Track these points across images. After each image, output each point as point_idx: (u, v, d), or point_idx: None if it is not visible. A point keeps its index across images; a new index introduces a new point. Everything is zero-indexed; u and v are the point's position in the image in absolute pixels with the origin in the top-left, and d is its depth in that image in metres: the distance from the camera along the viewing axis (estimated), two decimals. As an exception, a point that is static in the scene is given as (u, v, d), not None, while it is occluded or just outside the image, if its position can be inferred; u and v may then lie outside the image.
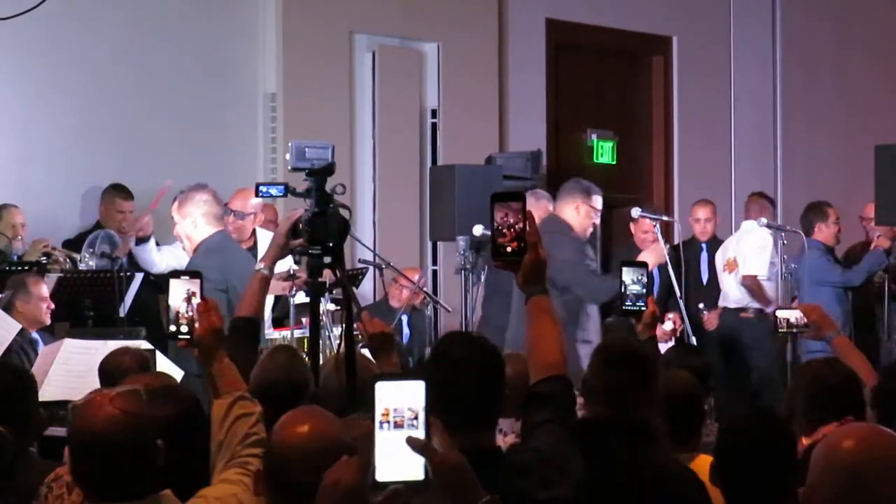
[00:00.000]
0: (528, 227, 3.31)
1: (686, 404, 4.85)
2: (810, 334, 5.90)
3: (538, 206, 8.69)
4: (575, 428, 3.33)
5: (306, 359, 5.33)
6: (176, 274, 3.98)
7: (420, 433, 2.59)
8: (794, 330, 6.14)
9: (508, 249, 3.31)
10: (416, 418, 2.60)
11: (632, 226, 9.66)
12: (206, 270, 6.67)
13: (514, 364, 4.02)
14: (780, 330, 6.24)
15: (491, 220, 3.33)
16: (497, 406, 3.40)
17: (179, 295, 3.90)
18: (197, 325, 3.85)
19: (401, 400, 2.60)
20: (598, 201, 7.92)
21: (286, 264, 7.05)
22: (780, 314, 6.15)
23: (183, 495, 3.41)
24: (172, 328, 3.90)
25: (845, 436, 2.66)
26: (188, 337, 3.87)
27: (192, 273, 3.98)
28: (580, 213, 7.86)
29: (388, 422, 2.60)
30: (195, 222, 6.73)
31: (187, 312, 3.87)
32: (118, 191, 8.86)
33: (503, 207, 3.31)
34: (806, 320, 5.72)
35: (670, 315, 8.99)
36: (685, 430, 4.87)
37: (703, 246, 10.08)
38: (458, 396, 3.17)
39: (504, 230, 3.31)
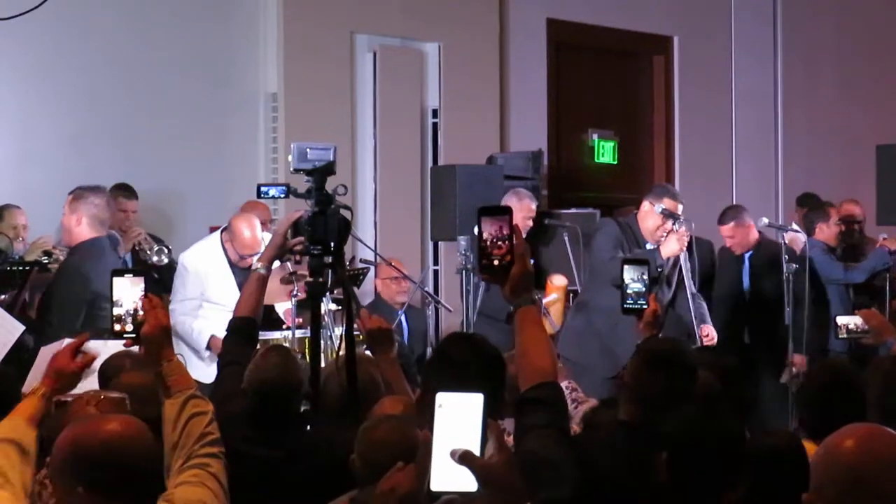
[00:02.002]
0: (515, 239, 3.32)
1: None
2: (870, 339, 5.92)
3: (521, 205, 8.71)
4: (568, 431, 3.33)
5: (300, 358, 5.34)
6: (120, 272, 3.87)
7: (476, 444, 2.59)
8: (854, 335, 6.15)
9: (496, 262, 3.32)
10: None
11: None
12: (79, 273, 6.98)
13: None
14: (839, 336, 6.24)
15: (479, 234, 3.33)
16: (496, 408, 3.39)
17: (126, 293, 3.78)
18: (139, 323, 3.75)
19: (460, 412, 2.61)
20: (669, 203, 7.81)
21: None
22: (840, 320, 6.16)
23: None
24: (117, 327, 3.77)
25: (846, 436, 2.64)
26: (134, 336, 3.75)
27: (136, 271, 3.89)
28: (644, 210, 7.91)
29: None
30: (79, 220, 7.12)
31: (138, 311, 3.75)
32: (121, 190, 8.88)
33: (494, 220, 3.31)
34: (866, 326, 5.74)
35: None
36: None
37: (745, 257, 9.43)
38: None
39: (498, 242, 3.32)
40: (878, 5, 13.48)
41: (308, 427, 4.86)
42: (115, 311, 3.77)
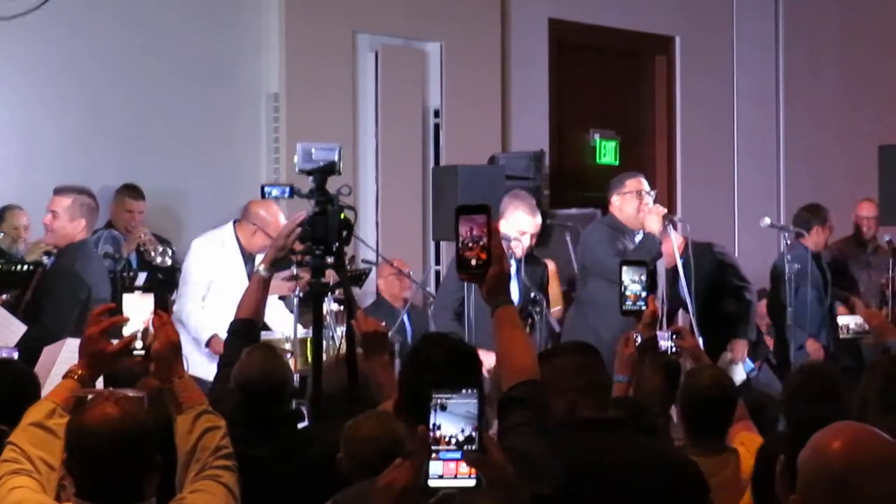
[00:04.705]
0: (492, 240, 3.33)
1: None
2: (871, 340, 5.92)
3: (522, 205, 8.67)
4: (550, 428, 3.34)
5: (287, 357, 5.32)
6: (129, 289, 3.86)
7: (473, 440, 2.62)
8: (855, 335, 6.14)
9: (473, 262, 3.33)
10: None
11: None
12: (74, 274, 7.01)
13: None
14: (841, 336, 6.24)
15: (455, 233, 3.34)
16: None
17: (136, 310, 3.74)
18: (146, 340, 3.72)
19: (455, 410, 2.64)
20: (630, 185, 8.14)
21: None
22: (841, 320, 6.16)
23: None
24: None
25: (833, 437, 2.61)
26: (143, 353, 3.72)
27: (146, 288, 3.89)
28: (616, 205, 8.17)
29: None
30: (77, 225, 7.14)
31: (149, 329, 3.71)
32: (128, 190, 8.90)
33: (467, 221, 3.33)
34: (867, 326, 5.75)
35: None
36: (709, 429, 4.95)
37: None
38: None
39: (469, 243, 3.32)
40: (881, 3, 13.47)
41: (300, 425, 4.86)
42: (130, 328, 3.74)
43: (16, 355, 5.87)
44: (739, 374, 8.98)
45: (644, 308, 5.09)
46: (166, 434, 3.64)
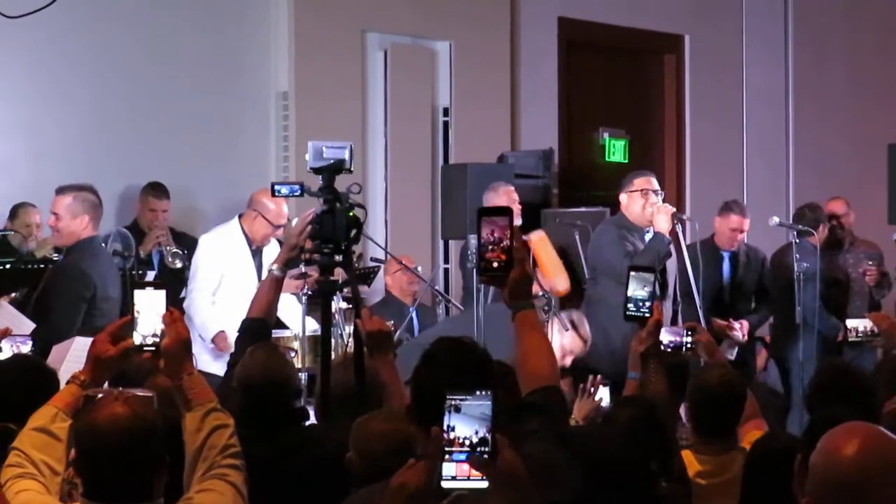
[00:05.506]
0: (514, 243, 3.33)
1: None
2: (880, 342, 5.91)
3: (499, 194, 8.63)
4: (567, 435, 3.34)
5: (291, 356, 5.32)
6: (140, 285, 3.86)
7: (487, 442, 2.64)
8: (865, 338, 6.13)
9: (495, 265, 3.33)
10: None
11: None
12: (80, 271, 7.02)
13: None
14: (850, 339, 6.22)
15: (478, 235, 3.33)
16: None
17: (148, 306, 3.75)
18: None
19: (469, 412, 2.66)
20: (638, 184, 8.18)
21: None
22: (850, 323, 6.15)
23: None
24: (137, 340, 3.75)
25: (845, 440, 2.58)
26: (154, 349, 3.73)
27: (157, 284, 3.87)
28: (625, 203, 8.21)
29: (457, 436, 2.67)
30: (81, 222, 7.12)
31: (159, 324, 3.72)
32: (152, 189, 8.92)
33: (489, 223, 3.33)
34: (876, 329, 5.74)
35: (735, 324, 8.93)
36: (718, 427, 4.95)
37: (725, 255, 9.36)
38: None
39: (490, 245, 3.32)
40: (889, 3, 13.46)
41: (305, 424, 4.86)
42: (141, 323, 3.75)
43: (29, 343, 5.87)
44: (729, 354, 8.96)
45: (648, 315, 5.07)
46: (175, 434, 3.64)
